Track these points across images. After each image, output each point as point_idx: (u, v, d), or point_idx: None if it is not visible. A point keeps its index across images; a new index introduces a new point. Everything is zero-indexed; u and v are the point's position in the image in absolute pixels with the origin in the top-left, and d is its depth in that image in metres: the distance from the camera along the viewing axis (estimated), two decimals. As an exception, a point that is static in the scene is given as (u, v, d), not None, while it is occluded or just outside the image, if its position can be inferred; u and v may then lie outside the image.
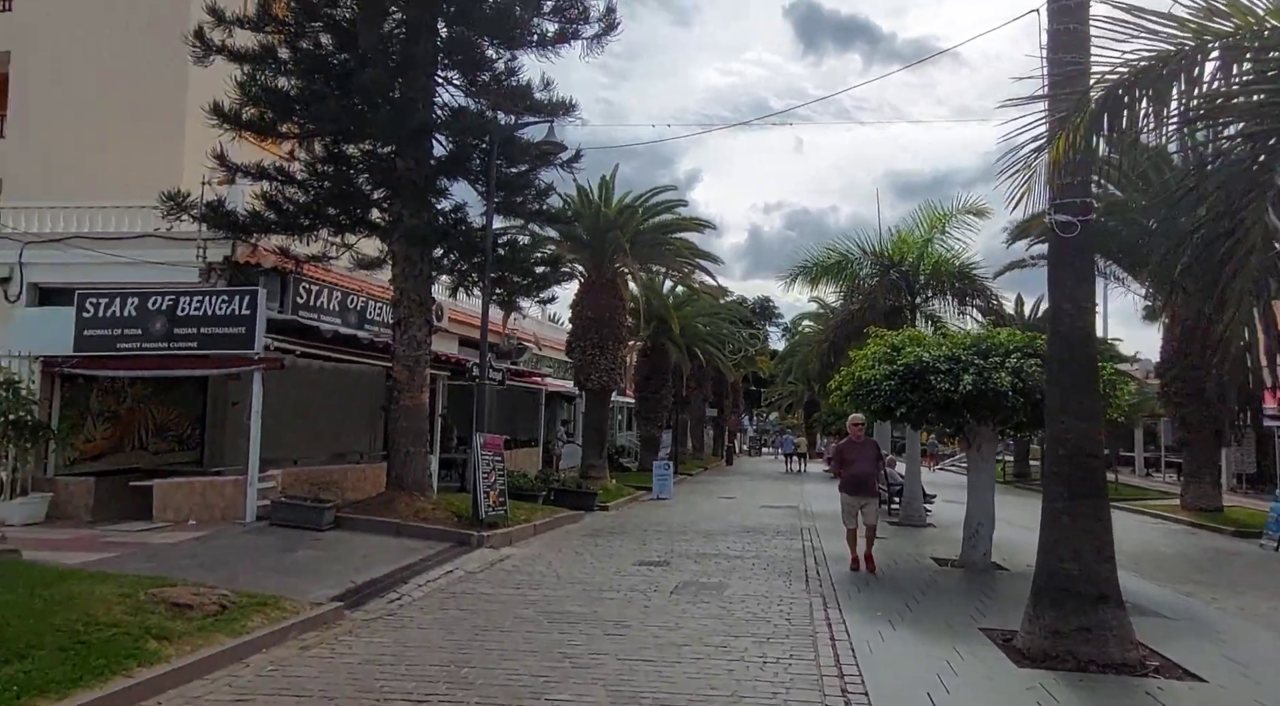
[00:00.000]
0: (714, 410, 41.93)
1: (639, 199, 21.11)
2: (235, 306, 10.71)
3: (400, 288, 11.98)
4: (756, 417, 72.81)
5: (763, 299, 56.85)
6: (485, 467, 11.17)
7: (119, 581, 6.47)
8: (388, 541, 10.17)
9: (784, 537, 12.96)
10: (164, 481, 10.88)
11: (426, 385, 12.15)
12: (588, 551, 11.01)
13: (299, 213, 11.41)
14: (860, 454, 9.89)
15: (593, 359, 20.48)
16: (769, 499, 20.65)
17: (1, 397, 10.35)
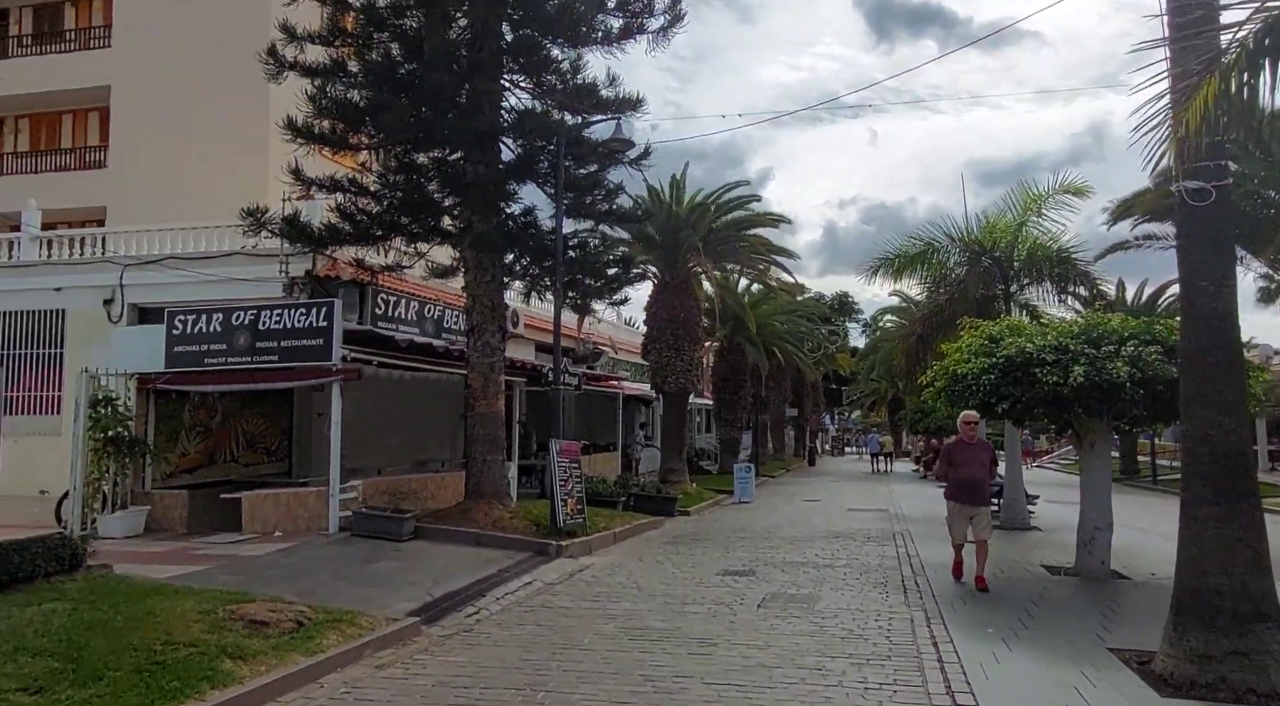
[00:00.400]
0: (794, 410, 40.97)
1: (711, 196, 20.66)
2: (313, 318, 10.81)
3: (472, 294, 11.89)
4: (838, 417, 71.06)
5: (841, 294, 55.33)
6: (562, 475, 10.93)
7: (201, 597, 6.46)
8: (466, 551, 10.04)
9: (875, 543, 12.28)
10: (251, 494, 11.07)
11: (501, 392, 12.02)
12: (669, 560, 10.63)
13: (372, 223, 11.46)
14: (971, 456, 8.78)
15: (669, 361, 20.12)
16: (856, 501, 19.84)
17: (100, 414, 10.71)
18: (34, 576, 6.50)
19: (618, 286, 12.39)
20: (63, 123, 24.05)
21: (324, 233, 11.23)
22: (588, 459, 20.73)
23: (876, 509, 17.87)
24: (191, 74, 21.21)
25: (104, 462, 10.76)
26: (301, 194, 11.40)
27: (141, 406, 11.41)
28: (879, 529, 14.06)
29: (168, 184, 20.76)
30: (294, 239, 11.09)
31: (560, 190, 11.21)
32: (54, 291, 16.58)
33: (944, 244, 16.30)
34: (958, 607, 7.60)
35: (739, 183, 20.59)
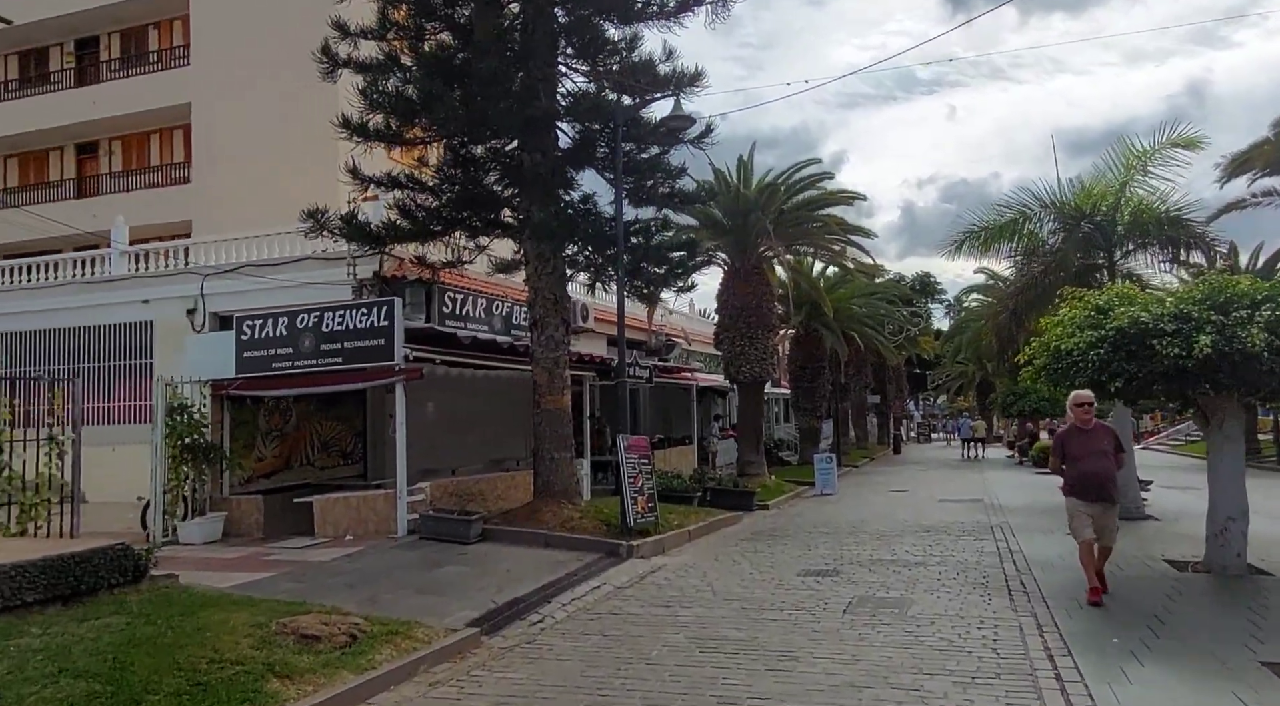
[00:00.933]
0: (876, 396, 39.48)
1: (781, 176, 19.81)
2: (374, 318, 10.66)
3: (534, 287, 11.54)
4: (922, 402, 68.53)
5: (922, 275, 53.13)
6: (631, 472, 10.47)
7: (257, 608, 6.26)
8: (534, 553, 9.70)
9: (971, 538, 11.36)
10: (322, 498, 11.03)
11: (568, 387, 11.65)
12: (746, 559, 10.03)
13: (430, 219, 11.23)
14: (1090, 444, 7.37)
15: (742, 350, 19.44)
16: (947, 491, 18.72)
17: (176, 422, 10.84)
18: (97, 588, 6.43)
19: (683, 272, 11.82)
20: (150, 142, 25.07)
21: (383, 231, 11.07)
22: (662, 453, 20.29)
23: (970, 499, 16.77)
24: (265, 85, 21.69)
25: (182, 469, 10.90)
26: (361, 191, 11.25)
27: (216, 413, 11.52)
28: (974, 521, 13.08)
29: (246, 194, 21.32)
30: (353, 238, 10.97)
31: (619, 174, 10.72)
32: (142, 303, 17.18)
33: (1036, 212, 15.04)
34: (1074, 613, 6.75)
35: (810, 161, 19.74)
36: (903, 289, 36.81)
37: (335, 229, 10.90)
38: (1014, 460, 29.60)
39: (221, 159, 22.74)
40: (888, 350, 32.13)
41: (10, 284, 18.14)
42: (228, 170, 22.38)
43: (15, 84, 26.03)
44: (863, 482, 22.42)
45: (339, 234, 10.96)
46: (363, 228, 10.94)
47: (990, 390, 51.97)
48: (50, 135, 25.00)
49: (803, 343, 27.30)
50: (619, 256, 10.82)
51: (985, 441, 34.61)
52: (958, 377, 54.00)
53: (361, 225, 10.88)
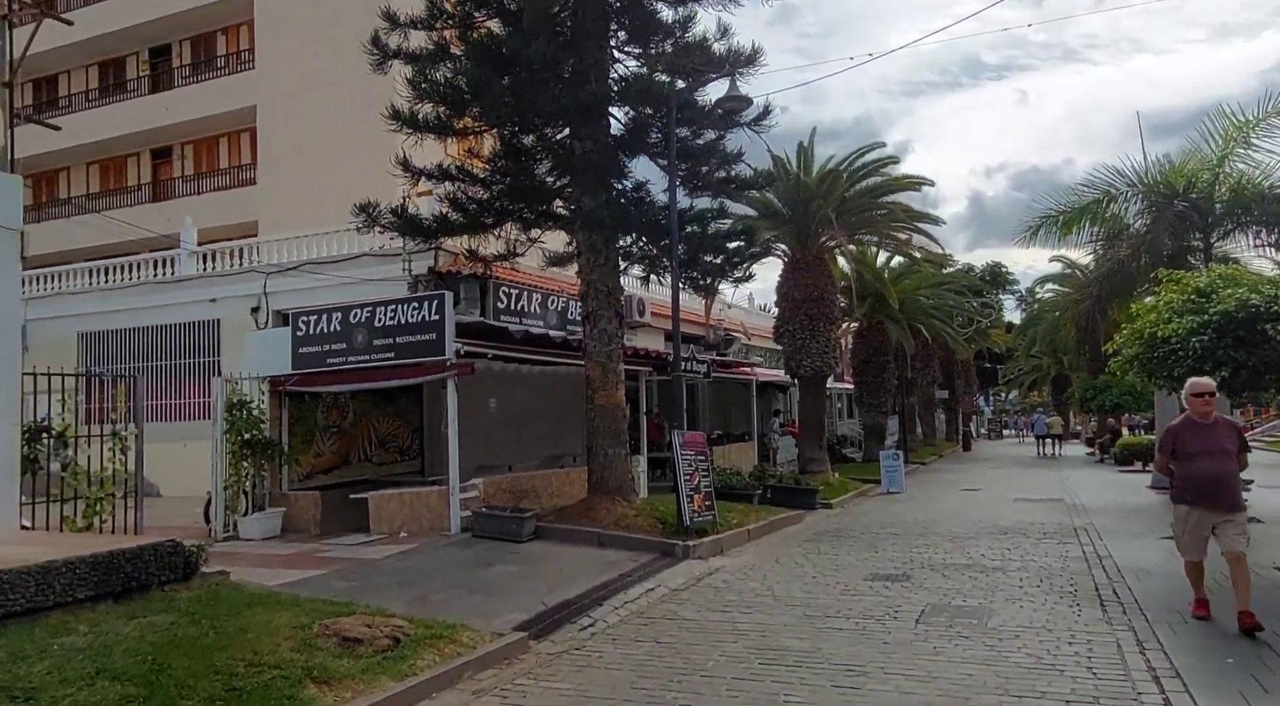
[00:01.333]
0: (944, 391, 38.09)
1: (843, 163, 19.09)
2: (425, 313, 10.53)
3: (586, 279, 11.25)
4: (992, 398, 66.08)
5: (993, 265, 51.08)
6: (686, 469, 10.08)
7: (302, 608, 6.11)
8: (588, 553, 9.41)
9: (1054, 540, 10.61)
10: (376, 494, 10.97)
11: (621, 381, 11.33)
12: (809, 561, 9.54)
13: (482, 211, 11.05)
14: (1209, 441, 6.22)
15: (803, 343, 18.81)
16: (1023, 490, 17.75)
17: (236, 418, 10.92)
18: (148, 585, 6.38)
19: (739, 261, 11.36)
20: (219, 146, 25.76)
21: (434, 224, 10.93)
22: (721, 449, 19.84)
23: (1049, 498, 15.83)
24: (326, 86, 21.99)
25: (241, 465, 10.97)
26: (412, 185, 11.15)
27: (274, 409, 11.58)
28: (1055, 523, 12.27)
29: (309, 193, 21.66)
30: (404, 231, 10.86)
31: (673, 159, 10.33)
32: (209, 302, 17.59)
33: (1121, 191, 14.09)
34: (1178, 628, 6.09)
35: (874, 145, 18.93)
36: (972, 279, 35.32)
37: (386, 222, 10.81)
38: (1094, 458, 28.11)
39: (285, 159, 23.19)
40: (956, 343, 30.89)
41: (89, 285, 18.82)
42: (291, 170, 22.81)
43: (96, 93, 27.10)
44: (931, 481, 21.53)
45: (390, 227, 10.87)
46: (414, 221, 10.83)
47: (1066, 384, 49.77)
48: (127, 141, 25.94)
49: (866, 336, 26.44)
50: (673, 246, 10.44)
51: (1062, 438, 32.97)
52: (1031, 372, 51.93)
53: (412, 218, 10.77)
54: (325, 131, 22.10)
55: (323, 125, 22.17)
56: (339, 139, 21.73)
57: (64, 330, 18.73)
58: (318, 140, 22.25)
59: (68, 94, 27.46)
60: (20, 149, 27.24)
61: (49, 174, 27.78)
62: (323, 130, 22.17)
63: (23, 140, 27.50)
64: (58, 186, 27.67)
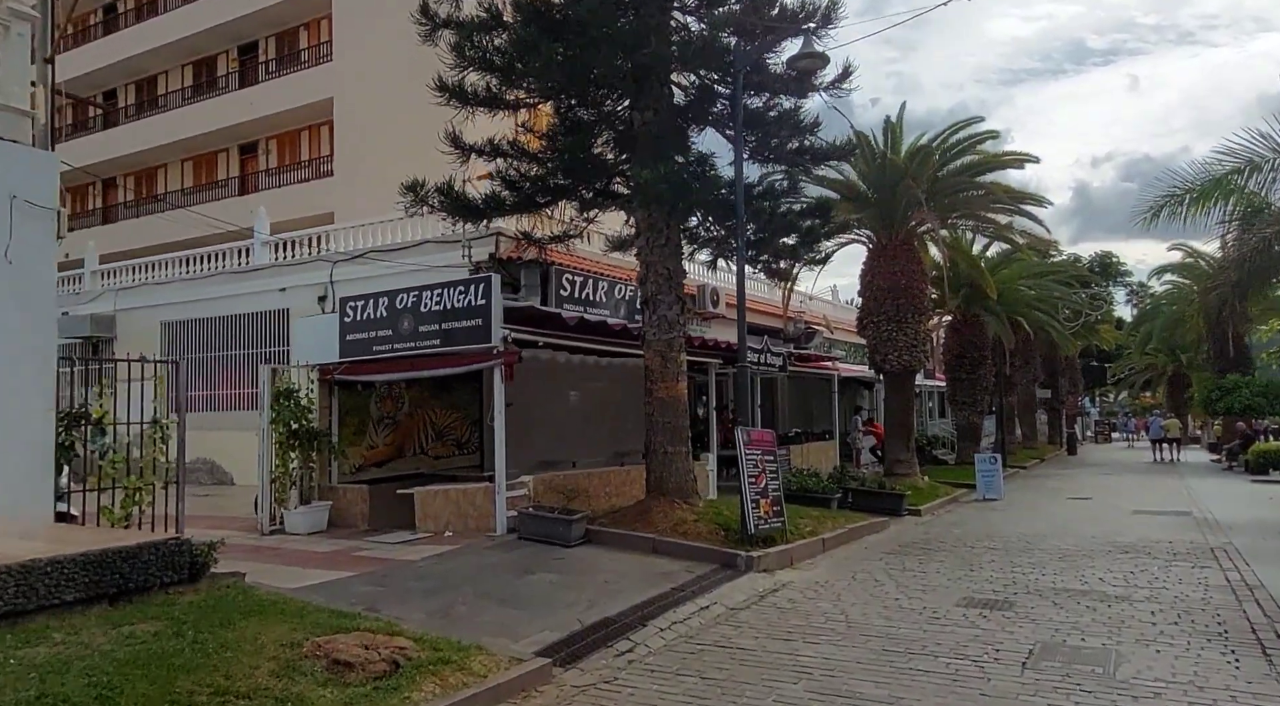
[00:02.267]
0: (1046, 391, 35.39)
1: (936, 139, 17.53)
2: (472, 297, 9.87)
3: (645, 261, 10.36)
4: (1099, 398, 61.73)
5: (1103, 255, 47.40)
6: (752, 470, 9.06)
7: (303, 620, 5.45)
8: (639, 561, 8.52)
9: (1187, 563, 9.07)
10: (423, 490, 10.40)
11: (683, 373, 10.39)
12: (891, 578, 8.38)
13: (535, 189, 10.29)
14: None
15: (889, 335, 17.38)
16: (1142, 500, 15.84)
17: (282, 407, 10.54)
18: (149, 587, 5.86)
19: (813, 240, 10.20)
20: (300, 139, 26.11)
21: (484, 203, 10.24)
22: (799, 449, 18.61)
23: (1174, 511, 13.98)
24: (400, 75, 21.79)
25: (288, 456, 10.59)
26: (462, 162, 10.47)
27: (324, 398, 11.18)
28: (1186, 541, 10.62)
29: (383, 182, 21.43)
30: (453, 212, 10.20)
31: (739, 126, 9.31)
32: (280, 292, 17.58)
33: (1268, 158, 12.16)
34: (1376, 694, 4.72)
35: (970, 120, 17.28)
36: (1080, 269, 32.58)
37: (435, 203, 10.18)
38: (1221, 465, 25.34)
39: (361, 150, 23.23)
40: (1061, 338, 28.49)
41: (172, 276, 19.18)
42: (367, 160, 22.82)
43: (190, 92, 27.95)
44: (1033, 487, 19.68)
45: (439, 208, 10.23)
46: (463, 200, 10.16)
47: (1185, 384, 45.78)
48: (217, 137, 26.62)
49: (961, 329, 24.57)
50: (739, 222, 9.41)
51: (1180, 442, 30.00)
52: (1145, 370, 48.06)
53: (461, 197, 10.10)
54: (399, 120, 21.94)
55: (397, 114, 22.03)
56: (413, 128, 21.38)
57: (149, 320, 19.16)
58: (392, 129, 22.13)
59: (165, 93, 28.44)
60: (121, 147, 28.40)
61: (149, 171, 28.89)
62: (397, 119, 22.03)
63: (124, 139, 28.75)
64: (156, 183, 28.70)
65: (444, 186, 9.93)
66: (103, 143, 28.33)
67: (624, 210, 10.88)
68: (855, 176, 17.77)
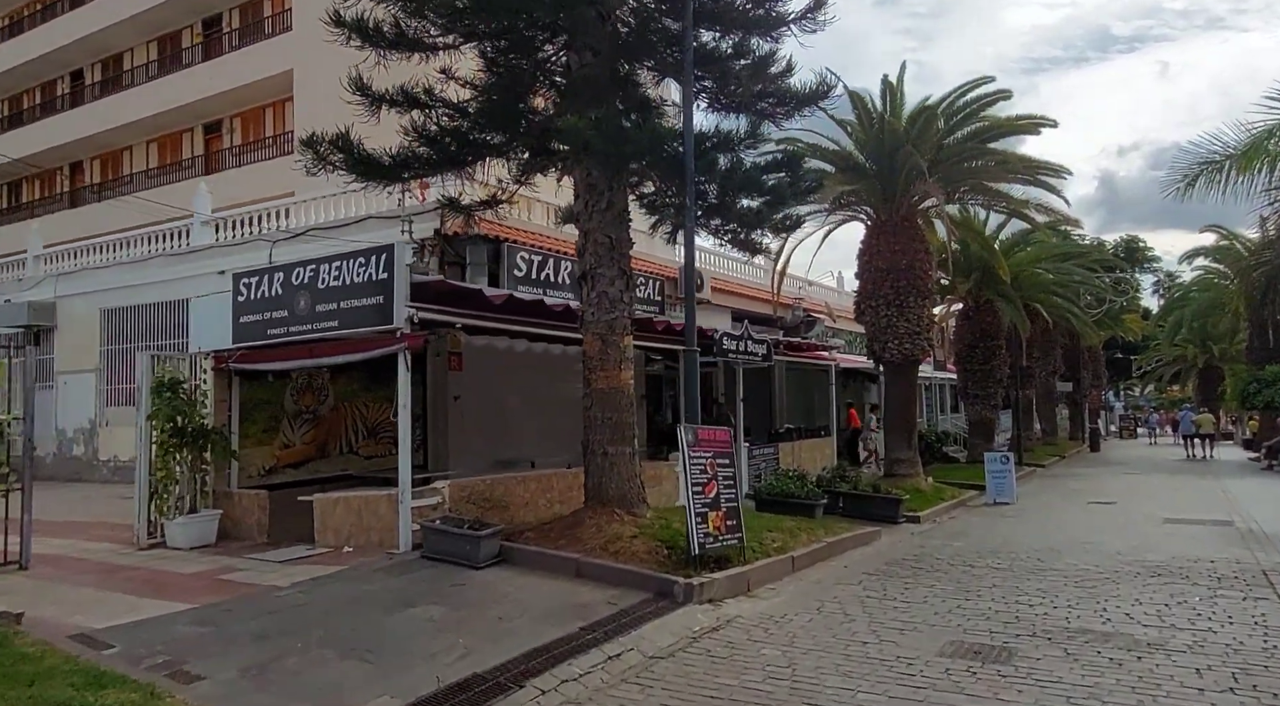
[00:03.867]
0: (1068, 384, 33.39)
1: (942, 101, 15.75)
2: (372, 270, 8.34)
3: (584, 229, 8.78)
4: (1124, 392, 59.34)
5: (1129, 239, 45.05)
6: (698, 476, 7.45)
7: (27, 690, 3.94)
8: (557, 588, 6.96)
9: (1235, 592, 7.38)
10: (323, 498, 8.90)
11: (629, 360, 8.82)
12: (865, 611, 6.76)
13: (455, 143, 8.71)
14: None
15: (889, 322, 15.68)
16: (1174, 506, 14.07)
17: (165, 400, 9.05)
18: None
19: (780, 200, 8.54)
20: (264, 116, 24.69)
21: (394, 161, 8.68)
22: (791, 446, 16.95)
23: (1212, 520, 12.22)
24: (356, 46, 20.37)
25: (173, 458, 9.10)
26: (371, 114, 8.92)
27: (220, 390, 9.70)
28: (1230, 560, 8.90)
29: (344, 159, 20.11)
30: (356, 171, 8.64)
31: (689, 51, 7.69)
32: (219, 275, 16.16)
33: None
34: None
35: (979, 80, 15.43)
36: (1104, 253, 30.45)
37: (336, 161, 8.62)
38: (1260, 464, 23.36)
39: (322, 123, 21.66)
40: (1083, 326, 26.54)
41: (109, 260, 17.83)
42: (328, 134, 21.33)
43: (155, 68, 26.64)
44: (1051, 488, 17.91)
45: (340, 166, 8.67)
46: (366, 157, 8.60)
47: (1217, 377, 43.46)
48: (180, 116, 25.26)
49: (973, 317, 22.77)
50: (688, 176, 7.79)
51: (1213, 438, 27.97)
52: (1174, 362, 45.76)
53: (363, 153, 8.54)
54: (355, 93, 20.44)
55: (353, 86, 20.52)
56: (370, 99, 19.98)
57: (89, 307, 17.85)
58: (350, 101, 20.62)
59: (130, 69, 27.15)
60: (84, 128, 27.12)
61: (115, 154, 27.66)
62: (353, 91, 20.51)
63: (86, 120, 27.48)
64: (121, 165, 27.47)
65: (339, 139, 8.36)
66: (68, 123, 27.17)
67: (562, 168, 9.27)
68: (851, 146, 16.06)
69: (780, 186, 8.36)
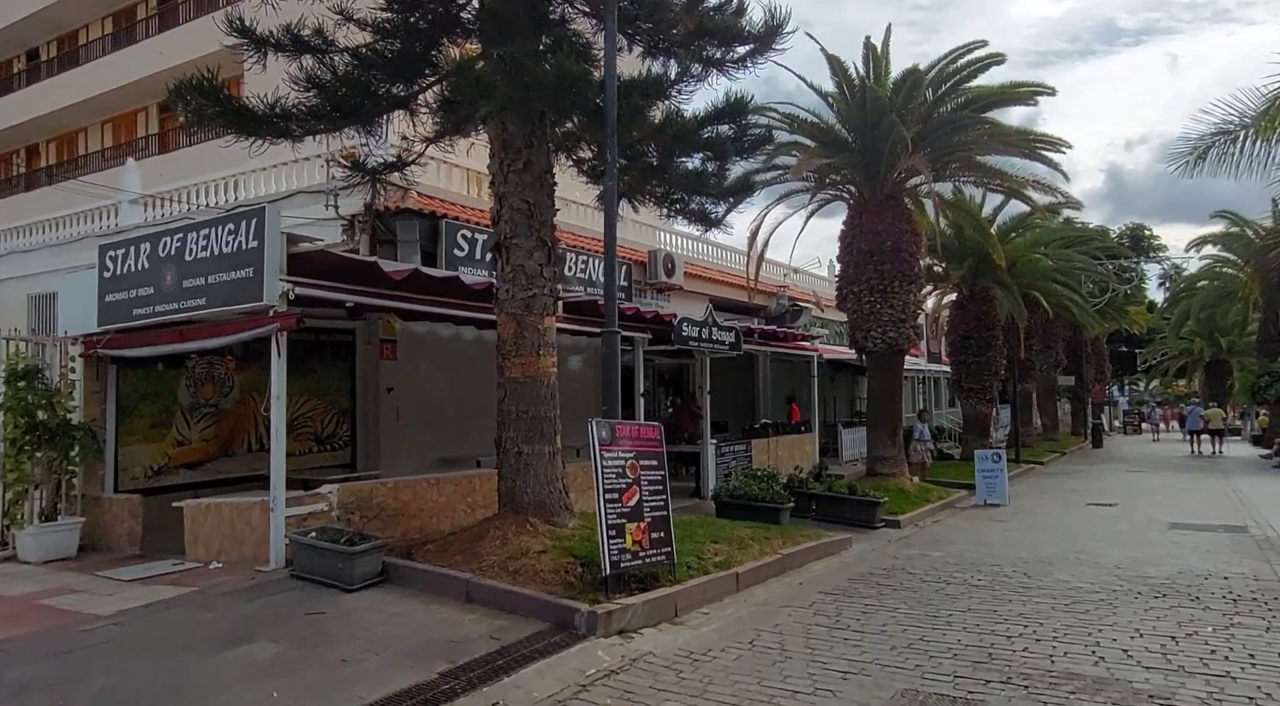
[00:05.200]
0: (1070, 378, 32.05)
1: (931, 69, 14.45)
2: (242, 239, 7.12)
3: (499, 193, 7.57)
4: (1128, 387, 57.92)
5: (1135, 227, 43.56)
6: (614, 481, 6.22)
7: None
8: (435, 617, 5.75)
9: (1256, 617, 6.16)
10: (195, 504, 7.69)
11: (550, 345, 7.60)
12: (808, 645, 5.54)
13: (350, 92, 7.48)
14: None
15: (871, 308, 14.44)
16: (1181, 508, 12.82)
17: (19, 392, 7.85)
18: None
19: (722, 156, 7.27)
20: (223, 91, 23.47)
21: (269, 110, 7.45)
22: (765, 443, 15.74)
23: (1224, 524, 10.98)
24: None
25: (30, 458, 7.91)
26: (256, 60, 7.70)
27: (91, 380, 8.50)
28: (1248, 576, 7.67)
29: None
30: (226, 122, 7.40)
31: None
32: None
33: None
34: None
35: (972, 44, 14.11)
36: (1109, 239, 29.01)
37: (207, 113, 7.36)
38: (1271, 461, 22.07)
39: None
40: (1085, 316, 25.21)
41: (36, 243, 16.66)
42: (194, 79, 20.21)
43: (110, 43, 25.43)
44: (1047, 487, 16.67)
45: (209, 118, 7.43)
46: (241, 108, 7.37)
47: (1225, 372, 42.10)
48: (135, 92, 24.02)
49: (967, 306, 21.49)
50: (608, 122, 6.54)
51: (1222, 434, 26.64)
52: (1180, 356, 44.38)
53: (235, 103, 7.30)
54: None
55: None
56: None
57: (16, 293, 16.64)
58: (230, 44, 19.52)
59: (85, 44, 25.94)
60: (38, 108, 25.88)
61: (70, 135, 26.47)
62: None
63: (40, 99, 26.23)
64: (77, 147, 26.28)
65: (203, 85, 7.12)
66: (22, 104, 25.98)
67: (471, 125, 8.02)
68: (832, 117, 14.78)
69: (720, 140, 7.08)
